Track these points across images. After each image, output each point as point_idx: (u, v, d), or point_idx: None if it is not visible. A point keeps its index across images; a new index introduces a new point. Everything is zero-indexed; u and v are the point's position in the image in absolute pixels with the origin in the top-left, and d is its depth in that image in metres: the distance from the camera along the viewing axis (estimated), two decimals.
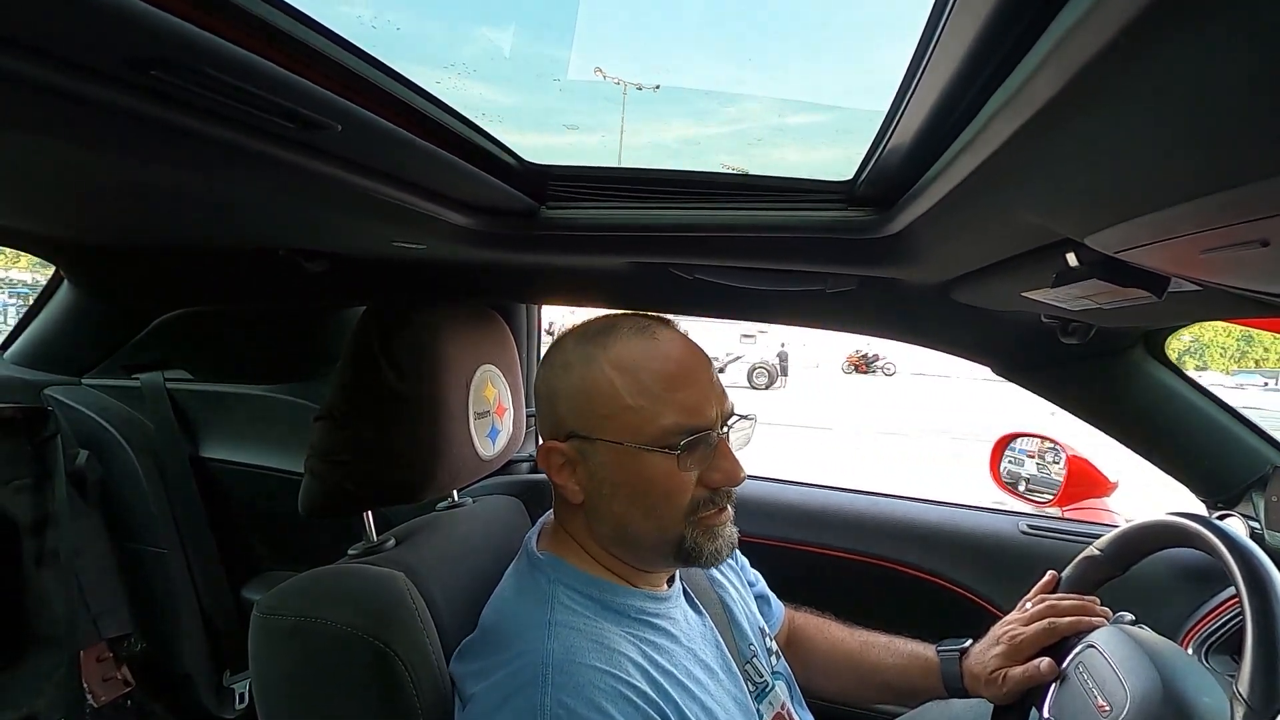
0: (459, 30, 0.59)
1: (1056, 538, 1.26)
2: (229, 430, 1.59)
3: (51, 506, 1.31)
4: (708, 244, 0.86)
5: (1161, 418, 1.14)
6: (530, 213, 0.83)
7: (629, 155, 0.78)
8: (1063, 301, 0.73)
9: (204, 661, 1.52)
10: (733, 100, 0.68)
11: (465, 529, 0.95)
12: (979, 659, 0.86)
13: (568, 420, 0.73)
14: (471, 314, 0.98)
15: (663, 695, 0.65)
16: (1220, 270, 0.54)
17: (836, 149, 0.69)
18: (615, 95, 0.67)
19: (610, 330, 0.74)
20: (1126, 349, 1.09)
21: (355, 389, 0.83)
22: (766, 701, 0.80)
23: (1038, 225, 0.58)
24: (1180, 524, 0.79)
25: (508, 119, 0.67)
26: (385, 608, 0.71)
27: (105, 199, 0.81)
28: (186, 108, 0.45)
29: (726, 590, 0.89)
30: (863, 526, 1.33)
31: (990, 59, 0.39)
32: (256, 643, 0.72)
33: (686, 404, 0.70)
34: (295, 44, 0.44)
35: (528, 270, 1.14)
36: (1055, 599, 0.87)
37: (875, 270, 0.90)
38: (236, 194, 0.72)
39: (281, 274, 1.20)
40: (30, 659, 1.27)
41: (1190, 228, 0.43)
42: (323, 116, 0.49)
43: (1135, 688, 0.69)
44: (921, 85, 0.46)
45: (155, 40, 0.36)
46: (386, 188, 0.66)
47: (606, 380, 0.70)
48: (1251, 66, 0.27)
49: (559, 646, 0.64)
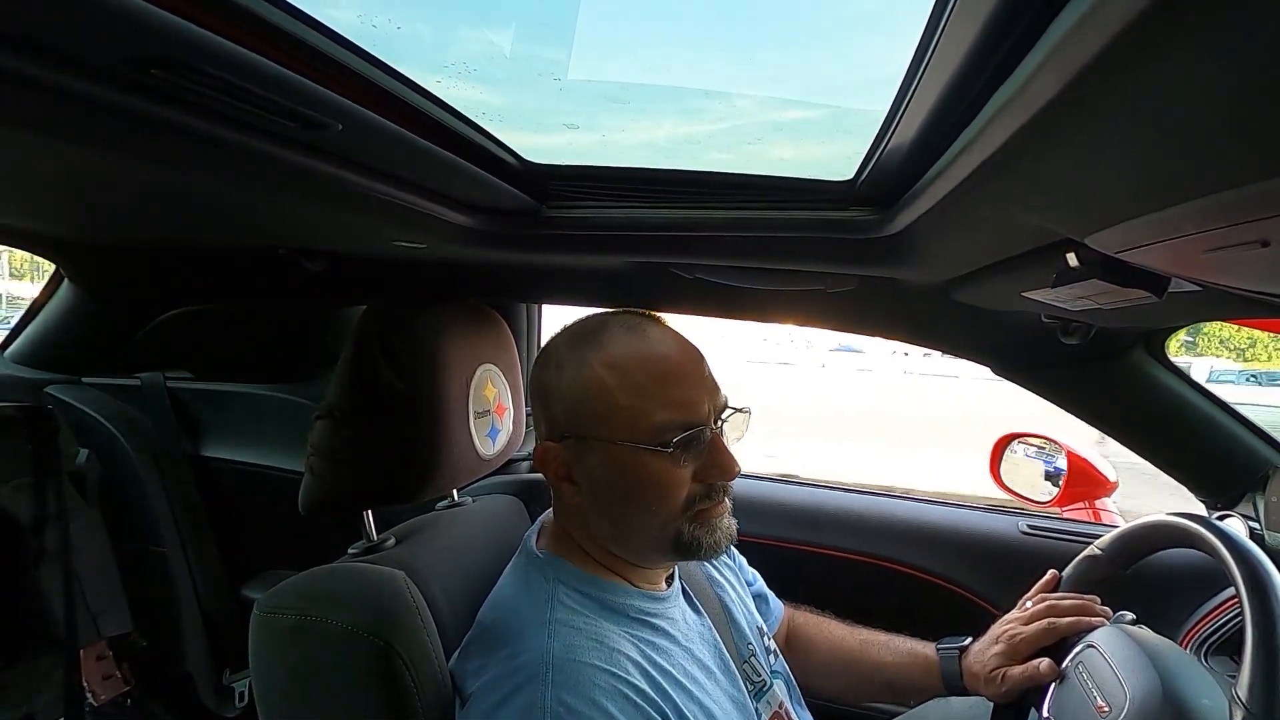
0: (459, 29, 0.59)
1: (1056, 538, 1.26)
2: (229, 429, 1.59)
3: (52, 505, 1.31)
4: (708, 244, 0.86)
5: (1161, 418, 1.14)
6: (531, 212, 0.83)
7: (629, 155, 0.78)
8: (1063, 301, 0.73)
9: (204, 660, 1.52)
10: (732, 99, 0.68)
11: (465, 528, 0.95)
12: (978, 657, 0.86)
13: (562, 421, 0.73)
14: (471, 313, 0.98)
15: (661, 694, 0.65)
16: (1221, 270, 0.54)
17: (837, 148, 0.69)
18: (616, 94, 0.67)
19: (601, 329, 0.75)
20: (1127, 349, 1.09)
21: (355, 388, 0.83)
22: (764, 700, 0.80)
23: (1038, 225, 0.58)
24: (1180, 524, 0.79)
25: (508, 118, 0.67)
26: (385, 606, 0.71)
27: (105, 198, 0.81)
28: (187, 107, 0.45)
29: (725, 590, 0.89)
30: (862, 526, 1.33)
31: (991, 59, 0.39)
32: (256, 641, 0.72)
33: (679, 400, 0.70)
34: (296, 43, 0.44)
35: (528, 270, 1.14)
36: (1055, 598, 0.87)
37: (876, 270, 0.90)
38: (237, 193, 0.72)
39: (282, 273, 1.20)
40: (30, 658, 1.27)
41: (1191, 228, 0.43)
42: (323, 115, 0.48)
43: (1135, 688, 0.69)
44: (922, 85, 0.46)
45: (155, 39, 0.36)
46: (387, 187, 0.66)
47: (598, 380, 0.71)
48: (1251, 67, 0.27)
49: (559, 645, 0.65)
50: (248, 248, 1.10)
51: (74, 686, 1.30)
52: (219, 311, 1.49)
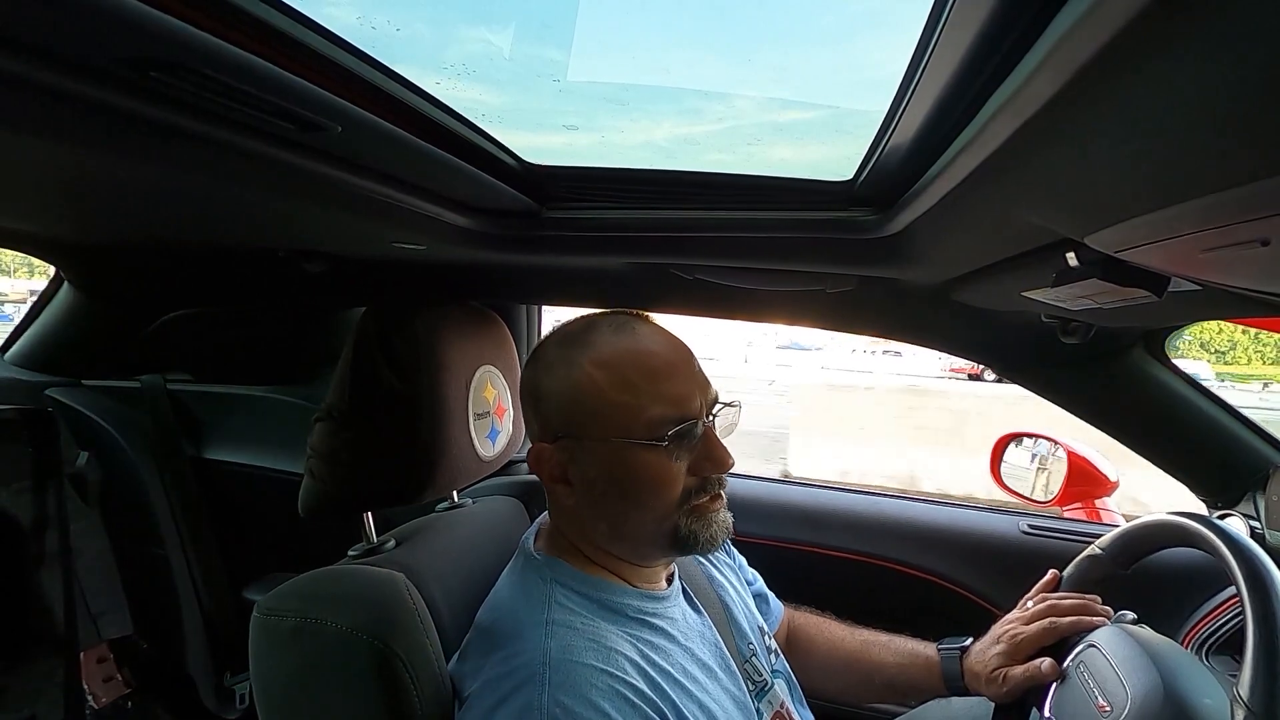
0: (457, 31, 0.59)
1: (1057, 537, 1.25)
2: (229, 431, 1.59)
3: (52, 508, 1.31)
4: (708, 244, 0.86)
5: (1161, 417, 1.14)
6: (530, 214, 0.83)
7: (628, 156, 0.78)
8: (1063, 301, 0.73)
9: (205, 662, 1.52)
10: (732, 100, 0.68)
11: (465, 530, 0.95)
12: (979, 657, 0.86)
13: (555, 422, 0.73)
14: (471, 315, 0.98)
15: (660, 694, 0.65)
16: (1220, 270, 0.54)
17: (836, 149, 0.69)
18: (615, 95, 0.67)
19: (589, 330, 0.75)
20: (1126, 348, 1.09)
21: (355, 390, 0.83)
22: (766, 700, 0.80)
23: (1038, 225, 0.58)
24: (1181, 524, 0.79)
25: (507, 119, 0.67)
26: (385, 608, 0.71)
27: (105, 200, 0.81)
28: (186, 109, 0.45)
29: (726, 589, 0.89)
30: (862, 526, 1.33)
31: (990, 58, 0.39)
32: (257, 643, 0.72)
33: (670, 396, 0.71)
34: (294, 45, 0.44)
35: (528, 271, 1.14)
36: (1056, 598, 0.87)
37: (875, 270, 0.90)
38: (236, 195, 0.72)
39: (281, 275, 1.20)
40: (31, 660, 1.27)
41: (1190, 227, 0.43)
42: (322, 117, 0.49)
43: (1136, 688, 0.69)
44: (921, 85, 0.46)
45: (154, 42, 0.36)
46: (386, 189, 0.66)
47: (589, 379, 0.71)
48: (1250, 66, 0.27)
49: (556, 646, 0.64)
50: (247, 250, 1.10)
51: (75, 689, 1.29)
52: (219, 313, 1.49)
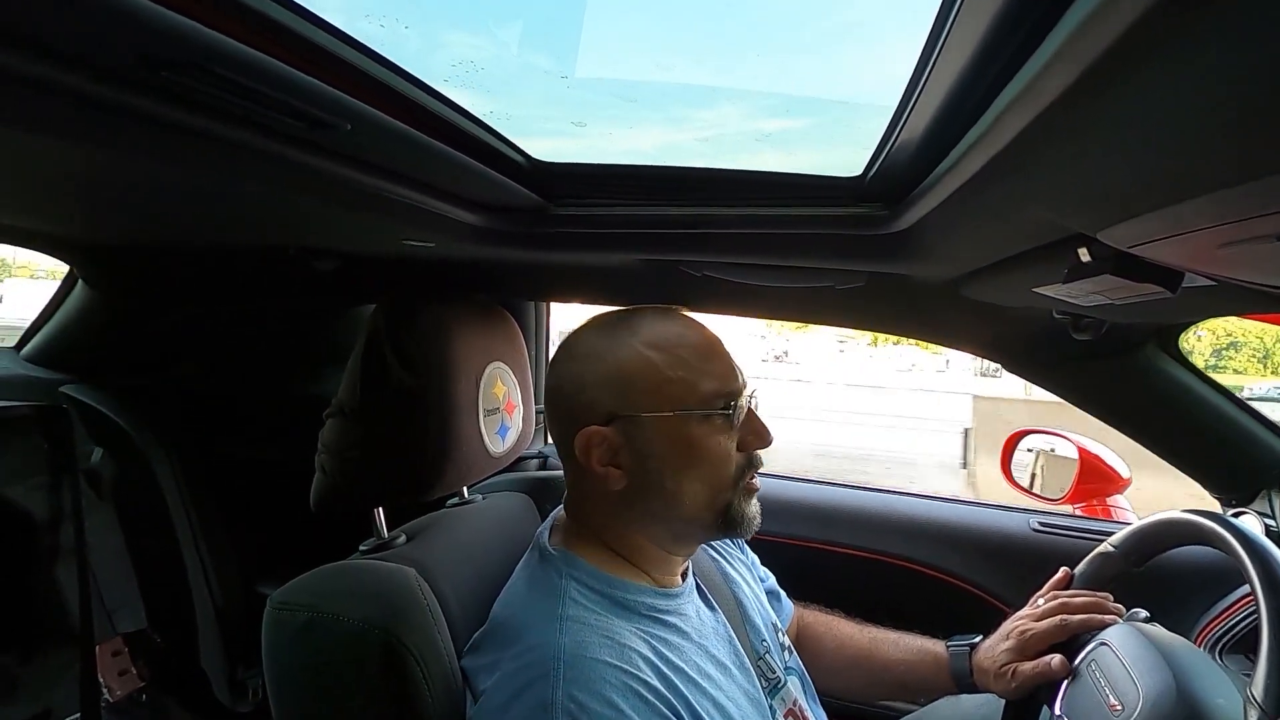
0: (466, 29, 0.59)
1: (1068, 535, 1.25)
2: (241, 427, 1.60)
3: (67, 504, 1.32)
4: (716, 241, 0.86)
5: (1175, 414, 1.13)
6: (539, 210, 0.83)
7: (637, 153, 0.78)
8: (1074, 297, 0.73)
9: (218, 656, 1.53)
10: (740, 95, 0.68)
11: (475, 525, 0.95)
12: (989, 654, 0.86)
13: (604, 404, 0.74)
14: (481, 311, 0.99)
15: (673, 691, 0.65)
16: (1236, 265, 0.53)
17: (845, 144, 0.69)
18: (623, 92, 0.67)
19: (633, 316, 0.79)
20: (1139, 345, 1.08)
21: (366, 386, 0.83)
22: (779, 697, 0.80)
23: (1049, 220, 0.58)
24: (1195, 521, 0.78)
25: (516, 117, 0.67)
26: (396, 603, 0.71)
27: (117, 199, 0.82)
28: (197, 108, 0.45)
29: (740, 586, 0.89)
30: (872, 524, 1.32)
31: (1001, 53, 0.39)
32: (269, 637, 0.72)
33: (719, 372, 0.75)
34: (305, 44, 0.44)
35: (537, 268, 1.14)
36: (1068, 595, 0.86)
37: (885, 266, 0.89)
38: (247, 194, 0.72)
39: (292, 272, 1.20)
40: (46, 653, 1.29)
41: (1206, 222, 0.42)
42: (332, 116, 0.49)
43: (1148, 687, 0.68)
44: (931, 80, 0.46)
45: (166, 41, 0.36)
46: (396, 186, 0.66)
47: (643, 359, 0.74)
48: (1266, 58, 0.27)
49: (569, 641, 0.65)
50: (258, 247, 1.11)
51: (90, 682, 1.31)
52: (231, 310, 1.50)
